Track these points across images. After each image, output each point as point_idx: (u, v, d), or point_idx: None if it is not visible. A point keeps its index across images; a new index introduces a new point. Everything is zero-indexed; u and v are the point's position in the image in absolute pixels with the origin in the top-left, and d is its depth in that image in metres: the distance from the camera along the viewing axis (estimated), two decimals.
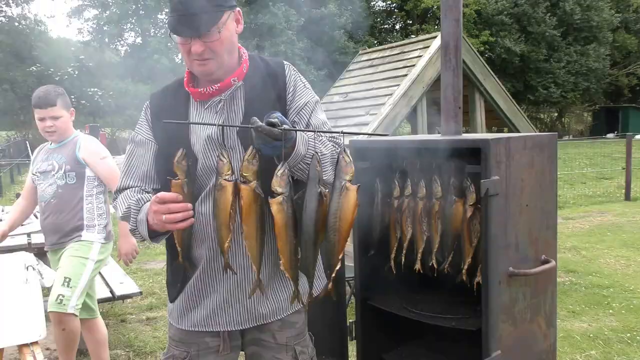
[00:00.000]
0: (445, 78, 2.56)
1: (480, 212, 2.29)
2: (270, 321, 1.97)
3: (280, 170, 1.63)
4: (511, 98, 5.99)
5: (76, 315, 3.01)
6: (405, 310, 2.64)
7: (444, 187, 2.45)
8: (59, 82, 28.29)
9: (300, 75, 1.95)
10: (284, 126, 1.56)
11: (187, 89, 1.88)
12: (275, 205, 1.61)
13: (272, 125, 1.54)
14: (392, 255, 2.71)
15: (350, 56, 27.53)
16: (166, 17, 28.74)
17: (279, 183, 1.62)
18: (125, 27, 30.19)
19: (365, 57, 6.94)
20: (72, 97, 30.05)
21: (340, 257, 1.66)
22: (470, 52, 5.75)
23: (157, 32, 29.19)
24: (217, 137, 1.82)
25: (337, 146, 1.84)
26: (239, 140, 1.82)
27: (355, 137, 2.83)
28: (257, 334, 2.00)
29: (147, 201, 1.84)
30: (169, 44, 26.66)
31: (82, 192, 3.39)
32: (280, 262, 1.69)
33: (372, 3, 33.58)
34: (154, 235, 1.82)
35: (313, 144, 1.73)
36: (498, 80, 5.94)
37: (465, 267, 2.42)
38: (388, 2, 34.64)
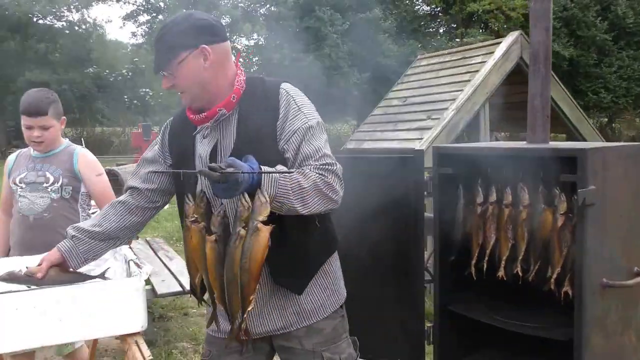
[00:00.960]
0: (533, 87, 2.56)
1: (571, 221, 2.29)
2: (293, 329, 1.98)
3: (216, 211, 1.74)
4: (577, 105, 5.90)
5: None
6: (489, 317, 2.65)
7: (532, 195, 2.45)
8: (113, 82, 29.20)
9: (297, 96, 1.89)
10: (228, 169, 1.58)
11: (187, 114, 1.97)
12: (208, 243, 1.71)
13: (213, 169, 1.57)
14: (473, 262, 2.72)
15: (394, 60, 27.52)
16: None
17: (213, 223, 1.72)
18: None
19: (424, 62, 6.94)
20: (125, 97, 30.77)
21: (251, 298, 1.67)
22: None
23: None
24: (206, 161, 1.89)
25: (325, 174, 1.76)
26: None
27: (431, 144, 2.84)
28: (282, 341, 2.02)
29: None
30: None
31: (77, 207, 3.09)
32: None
33: (416, 7, 33.35)
34: None
35: (288, 182, 1.69)
36: (563, 87, 5.86)
37: (554, 276, 2.42)
38: (432, 6, 34.39)
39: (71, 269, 2.01)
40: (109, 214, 2.05)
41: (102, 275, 2.22)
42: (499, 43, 5.85)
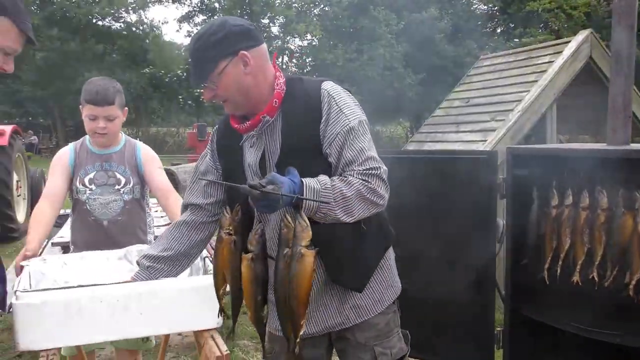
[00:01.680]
0: (615, 86, 2.48)
1: None
2: (351, 324, 1.97)
3: (255, 228, 1.72)
4: None
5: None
6: (563, 323, 2.58)
7: (611, 198, 2.37)
8: (168, 83, 29.90)
9: (339, 96, 1.83)
10: (268, 187, 1.56)
11: (231, 123, 1.95)
12: (244, 261, 1.69)
13: (254, 187, 1.56)
14: (546, 266, 2.65)
15: (449, 60, 27.17)
16: (269, 23, 29.54)
17: (250, 241, 1.70)
18: None
19: (487, 63, 6.81)
20: (180, 97, 31.37)
21: (301, 322, 1.64)
22: (605, 57, 5.50)
23: None
24: (256, 170, 1.89)
25: (368, 179, 1.71)
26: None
27: (495, 146, 2.78)
28: (340, 332, 2.00)
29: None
30: (270, 48, 27.30)
31: (144, 205, 2.98)
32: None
33: (473, 7, 32.82)
34: None
35: (330, 193, 1.66)
36: (635, 88, 5.63)
37: (634, 282, 2.33)
38: (490, 5, 33.77)
39: None
40: (176, 236, 2.06)
41: None
42: (567, 42, 5.67)
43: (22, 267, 2.15)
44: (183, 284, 2.01)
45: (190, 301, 1.99)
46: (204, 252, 2.35)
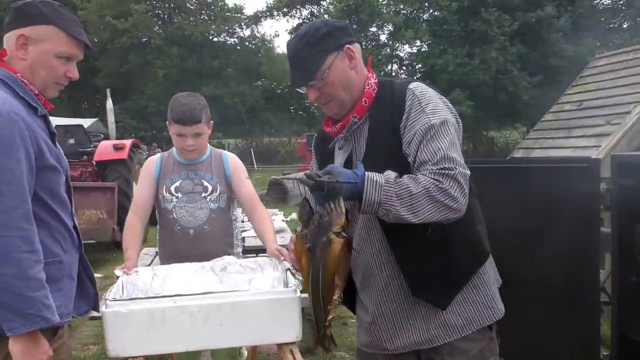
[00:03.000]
0: None
1: None
2: (440, 343, 1.84)
3: (312, 219, 1.70)
4: None
5: None
6: None
7: None
8: (280, 94, 30.83)
9: (424, 96, 1.76)
10: (324, 177, 1.57)
11: (324, 127, 1.94)
12: (304, 252, 1.73)
13: (310, 177, 1.56)
14: None
15: (568, 60, 25.69)
16: (377, 30, 29.61)
17: (308, 231, 1.71)
18: None
19: (602, 62, 6.37)
20: (291, 108, 32.32)
21: (329, 307, 1.68)
22: None
23: (367, 44, 30.14)
24: None
25: (440, 179, 1.61)
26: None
27: (610, 152, 2.57)
28: (429, 355, 1.89)
29: None
30: (379, 57, 27.38)
31: (230, 216, 2.94)
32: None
33: (595, 1, 30.88)
34: None
35: (393, 188, 1.61)
36: None
37: None
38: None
39: None
40: None
41: None
42: None
43: (117, 277, 2.27)
44: (263, 296, 2.02)
45: (269, 314, 2.00)
46: (286, 264, 2.36)
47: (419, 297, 1.83)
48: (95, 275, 7.02)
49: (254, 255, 3.00)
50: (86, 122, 18.59)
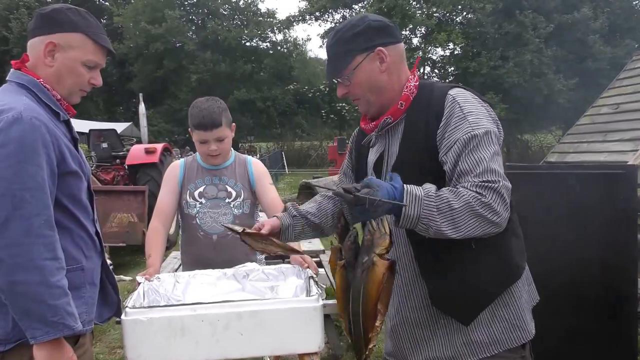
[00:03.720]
0: None
1: None
2: None
3: (348, 234, 1.63)
4: None
5: None
6: None
7: None
8: (311, 98, 30.95)
9: (466, 103, 1.69)
10: (363, 191, 1.48)
11: (361, 123, 1.92)
12: (338, 268, 1.63)
13: (348, 191, 1.48)
14: None
15: (605, 63, 25.15)
16: (410, 34, 29.45)
17: (344, 247, 1.62)
18: None
19: None
20: (323, 111, 32.48)
21: (370, 335, 1.55)
22: None
23: None
24: (370, 170, 1.87)
25: (483, 192, 1.54)
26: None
27: None
28: None
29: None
30: (410, 60, 27.18)
31: (254, 222, 2.79)
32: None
33: (634, 2, 30.14)
34: None
35: (434, 202, 1.53)
36: None
37: None
38: None
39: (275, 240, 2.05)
40: (324, 205, 2.08)
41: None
42: None
43: (139, 284, 2.25)
44: (284, 305, 1.98)
45: (291, 323, 1.95)
46: (310, 272, 2.32)
47: (439, 309, 1.77)
48: (125, 277, 7.15)
49: (279, 260, 2.95)
50: (120, 126, 18.93)
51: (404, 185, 1.54)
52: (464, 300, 1.73)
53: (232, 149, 2.89)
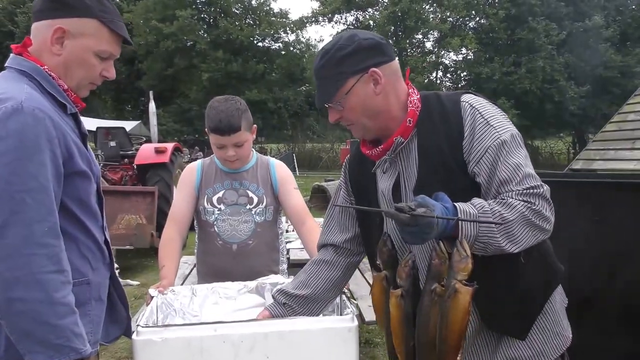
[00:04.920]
0: None
1: None
2: None
3: (404, 260, 1.47)
4: None
5: None
6: None
7: None
8: None
9: (483, 108, 1.59)
10: (419, 210, 1.34)
11: (361, 149, 1.75)
12: (393, 298, 1.47)
13: (401, 210, 1.35)
14: None
15: (617, 71, 25.02)
16: (423, 38, 29.35)
17: (399, 274, 1.47)
18: None
19: None
20: None
21: None
22: None
23: (413, 52, 29.87)
24: (389, 198, 1.69)
25: (532, 200, 1.46)
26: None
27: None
28: None
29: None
30: (423, 65, 27.12)
31: (276, 230, 2.67)
32: None
33: None
34: None
35: (491, 217, 1.42)
36: None
37: None
38: None
39: None
40: (314, 273, 1.92)
41: None
42: None
43: (151, 298, 2.04)
44: (315, 325, 1.78)
45: (323, 345, 1.76)
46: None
47: (493, 329, 1.64)
48: (133, 281, 6.92)
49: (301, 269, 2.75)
50: (129, 125, 18.75)
51: (454, 204, 1.43)
52: (518, 312, 1.63)
53: (252, 150, 2.64)
